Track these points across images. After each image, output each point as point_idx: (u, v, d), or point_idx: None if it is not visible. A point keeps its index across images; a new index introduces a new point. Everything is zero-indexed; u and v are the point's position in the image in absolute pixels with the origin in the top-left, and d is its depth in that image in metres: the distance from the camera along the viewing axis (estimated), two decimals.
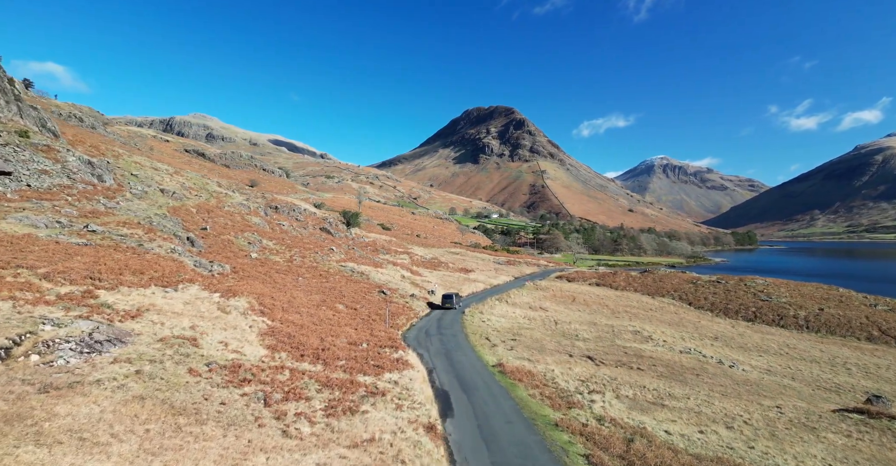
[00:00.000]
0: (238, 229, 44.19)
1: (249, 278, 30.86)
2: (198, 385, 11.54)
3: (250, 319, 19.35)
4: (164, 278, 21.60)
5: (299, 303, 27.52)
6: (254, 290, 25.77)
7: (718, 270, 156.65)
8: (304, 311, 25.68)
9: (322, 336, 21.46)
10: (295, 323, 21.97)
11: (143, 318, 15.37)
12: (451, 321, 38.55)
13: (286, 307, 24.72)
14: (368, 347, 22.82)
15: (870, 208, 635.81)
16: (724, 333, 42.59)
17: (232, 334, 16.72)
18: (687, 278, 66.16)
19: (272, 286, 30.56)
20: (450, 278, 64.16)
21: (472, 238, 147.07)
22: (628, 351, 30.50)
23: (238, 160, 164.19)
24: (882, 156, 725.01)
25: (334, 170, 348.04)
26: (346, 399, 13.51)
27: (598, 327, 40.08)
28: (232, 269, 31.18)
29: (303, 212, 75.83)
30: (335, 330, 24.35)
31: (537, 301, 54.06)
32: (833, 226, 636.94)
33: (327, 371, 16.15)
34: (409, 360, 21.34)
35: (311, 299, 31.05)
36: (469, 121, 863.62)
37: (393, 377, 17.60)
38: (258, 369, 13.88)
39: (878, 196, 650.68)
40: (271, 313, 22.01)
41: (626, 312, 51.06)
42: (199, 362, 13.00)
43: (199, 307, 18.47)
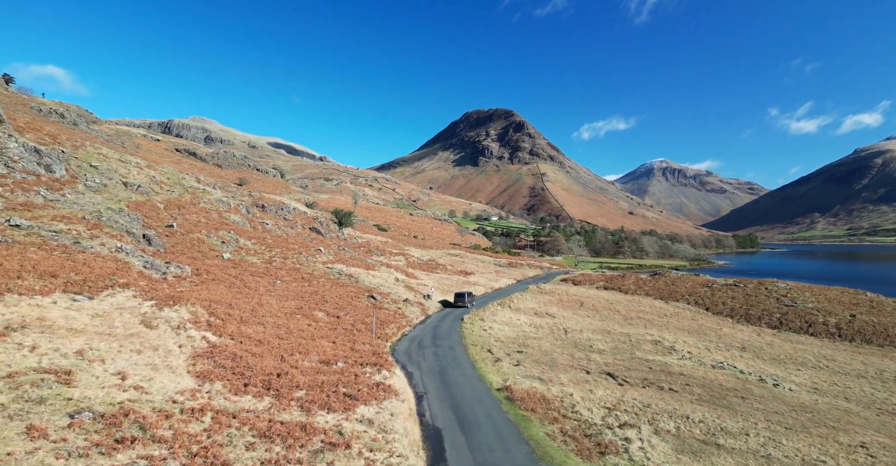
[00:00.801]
0: (212, 227, 39.92)
1: (213, 281, 26.61)
2: (30, 458, 7.25)
3: (184, 336, 15.11)
4: (87, 283, 17.38)
5: (267, 312, 23.24)
6: (209, 296, 21.53)
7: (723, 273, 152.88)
8: (271, 322, 21.40)
9: (285, 354, 17.21)
10: (252, 337, 17.72)
11: (8, 340, 11.07)
12: (448, 329, 34.25)
13: (246, 317, 20.45)
14: (345, 366, 18.54)
15: (870, 211, 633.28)
16: (751, 342, 38.31)
17: (144, 359, 12.44)
18: (701, 281, 61.93)
19: (238, 291, 26.30)
20: (448, 281, 59.88)
21: (471, 239, 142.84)
22: (653, 366, 26.22)
23: (231, 160, 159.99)
24: (882, 160, 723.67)
25: (333, 173, 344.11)
26: (289, 460, 9.23)
27: (612, 336, 35.80)
28: (194, 271, 26.92)
29: (292, 211, 71.58)
30: (306, 344, 20.06)
31: (543, 306, 49.75)
32: (833, 229, 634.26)
33: (275, 409, 11.92)
34: (394, 384, 17.06)
35: (285, 306, 26.76)
36: (468, 123, 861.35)
37: (368, 412, 13.37)
38: (161, 416, 9.58)
39: (878, 199, 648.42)
40: (222, 326, 17.77)
41: (640, 318, 46.79)
42: (59, 412, 8.62)
43: (112, 321, 14.24)
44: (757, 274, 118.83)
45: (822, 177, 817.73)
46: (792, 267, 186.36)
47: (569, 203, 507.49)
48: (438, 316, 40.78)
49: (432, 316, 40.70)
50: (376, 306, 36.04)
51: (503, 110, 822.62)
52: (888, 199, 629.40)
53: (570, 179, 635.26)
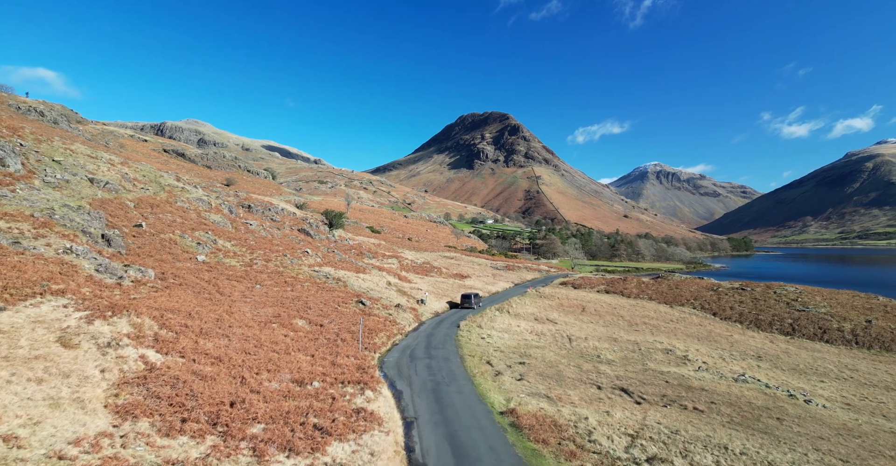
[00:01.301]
0: (189, 227, 36.96)
1: (180, 286, 23.73)
2: None
3: (113, 356, 12.26)
4: (8, 290, 14.46)
5: (237, 321, 20.41)
6: (167, 304, 18.70)
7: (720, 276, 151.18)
8: (238, 333, 18.58)
9: (249, 373, 14.44)
10: (210, 354, 14.91)
11: None
12: (443, 337, 31.50)
13: (208, 328, 17.62)
14: (321, 387, 15.77)
15: (861, 215, 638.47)
16: (766, 350, 35.88)
17: (44, 391, 9.57)
18: (706, 285, 59.64)
19: (208, 297, 23.44)
20: (443, 285, 57.14)
21: (467, 242, 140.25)
22: (670, 380, 23.62)
23: (221, 161, 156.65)
24: (873, 164, 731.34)
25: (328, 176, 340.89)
26: None
27: (620, 344, 33.20)
28: (158, 275, 24.05)
29: (280, 211, 68.66)
30: (278, 360, 17.26)
31: (543, 311, 47.14)
32: (825, 232, 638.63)
33: (217, 455, 9.16)
34: (378, 410, 14.32)
35: (260, 314, 23.92)
36: (464, 126, 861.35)
37: (342, 452, 10.66)
38: None
39: (869, 203, 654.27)
40: (173, 340, 14.96)
41: (646, 324, 44.29)
42: None
43: (17, 339, 11.42)
44: (755, 278, 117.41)
45: (814, 180, 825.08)
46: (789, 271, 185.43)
47: (564, 206, 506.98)
48: (433, 322, 38.03)
49: (426, 322, 37.96)
50: (365, 312, 33.26)
51: (498, 113, 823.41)
52: (879, 203, 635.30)
53: (565, 182, 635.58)
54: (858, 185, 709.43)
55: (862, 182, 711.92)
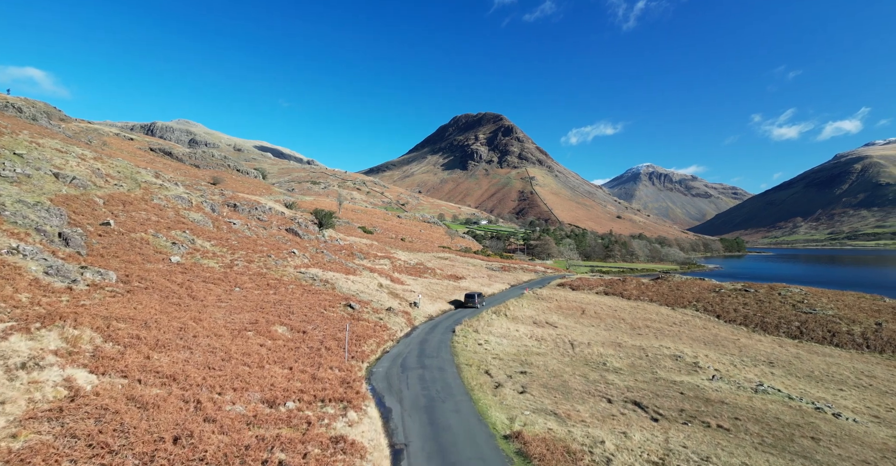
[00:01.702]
0: (164, 226, 34.46)
1: (145, 290, 21.37)
2: None
3: (26, 380, 9.89)
4: None
5: (205, 330, 18.10)
6: (121, 312, 16.36)
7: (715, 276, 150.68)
8: (203, 345, 16.28)
9: (208, 395, 12.19)
10: (162, 372, 12.62)
11: None
12: (437, 344, 29.32)
13: (167, 340, 15.30)
14: (296, 408, 13.56)
15: (850, 216, 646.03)
16: (777, 355, 34.14)
17: None
18: (707, 286, 58.04)
19: (176, 302, 21.09)
20: (437, 286, 54.96)
21: (461, 242, 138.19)
22: (685, 391, 21.65)
23: (210, 160, 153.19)
24: (861, 165, 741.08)
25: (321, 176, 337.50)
26: None
27: (625, 350, 31.23)
28: (121, 278, 21.67)
29: (267, 210, 66.10)
30: (249, 375, 15.01)
31: (542, 314, 45.14)
32: (815, 233, 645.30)
33: None
34: (360, 438, 12.14)
35: (235, 320, 21.61)
36: (457, 127, 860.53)
37: None
38: None
39: (857, 204, 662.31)
40: (118, 356, 12.62)
41: (648, 327, 42.45)
42: None
43: None
44: (750, 278, 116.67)
45: (804, 182, 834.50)
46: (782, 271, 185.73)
47: (557, 207, 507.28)
48: (427, 326, 35.83)
49: (420, 326, 35.75)
50: (354, 317, 30.98)
51: (492, 114, 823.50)
52: (867, 204, 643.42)
53: (558, 183, 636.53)
54: (847, 187, 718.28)
55: (850, 183, 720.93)
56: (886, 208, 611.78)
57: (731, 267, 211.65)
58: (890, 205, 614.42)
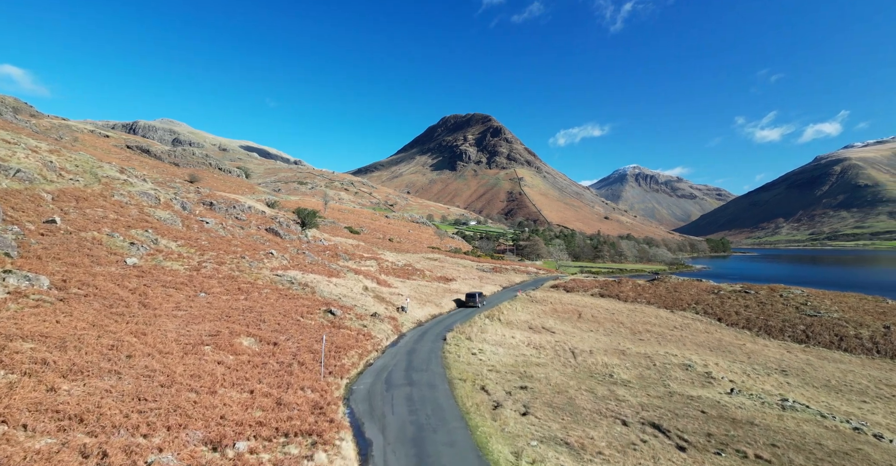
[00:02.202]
0: (124, 225, 31.05)
1: (84, 298, 18.21)
2: None
3: None
4: None
5: (145, 347, 15.06)
6: (31, 328, 13.24)
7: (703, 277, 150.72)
8: (139, 367, 13.28)
9: (121, 441, 9.26)
10: (62, 411, 9.50)
11: None
12: (427, 354, 26.54)
13: (87, 363, 12.20)
14: (248, 450, 10.67)
15: (830, 217, 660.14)
16: (788, 362, 32.13)
17: None
18: (705, 287, 56.27)
19: (117, 313, 17.95)
20: (426, 289, 52.14)
21: (451, 243, 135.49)
22: (705, 408, 19.24)
23: (190, 158, 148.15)
24: (840, 167, 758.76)
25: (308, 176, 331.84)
26: None
27: (630, 359, 28.84)
28: (56, 284, 18.46)
29: (246, 209, 62.56)
30: (193, 405, 12.07)
31: (538, 318, 42.64)
32: (797, 233, 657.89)
33: None
34: None
35: (192, 332, 18.57)
36: (446, 128, 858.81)
37: None
38: None
39: (837, 205, 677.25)
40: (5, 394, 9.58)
41: (649, 332, 40.26)
42: None
43: None
44: (739, 278, 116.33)
45: (786, 183, 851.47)
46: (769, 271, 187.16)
47: (546, 207, 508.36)
48: (415, 333, 33.00)
49: (408, 334, 32.91)
50: (334, 324, 28.02)
51: (481, 115, 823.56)
52: (847, 205, 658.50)
53: (546, 184, 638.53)
54: (827, 188, 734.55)
55: (830, 185, 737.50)
56: (865, 209, 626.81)
57: (719, 267, 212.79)
58: (868, 206, 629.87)
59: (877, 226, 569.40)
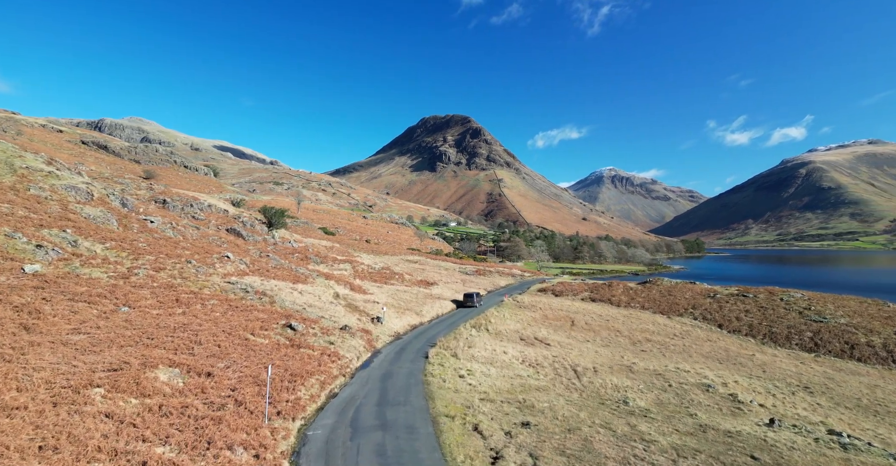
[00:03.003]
0: (34, 223, 25.46)
1: None
2: None
3: None
4: None
5: None
6: None
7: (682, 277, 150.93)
8: None
9: None
10: None
11: None
12: (405, 379, 22.01)
13: None
14: None
15: (796, 218, 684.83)
16: (807, 377, 28.99)
17: None
18: (700, 291, 53.55)
19: None
20: (405, 295, 47.55)
21: (432, 244, 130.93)
22: (755, 453, 15.39)
23: (153, 155, 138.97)
24: (805, 170, 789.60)
25: (284, 177, 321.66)
26: None
27: (640, 377, 25.03)
28: None
29: (206, 208, 56.63)
30: None
31: (528, 327, 38.63)
32: (765, 234, 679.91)
33: None
34: None
35: (83, 366, 13.61)
36: (426, 129, 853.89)
37: None
38: None
39: (803, 206, 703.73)
40: None
41: (650, 341, 36.80)
42: None
43: None
44: (719, 279, 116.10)
45: (754, 186, 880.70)
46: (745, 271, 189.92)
47: (525, 209, 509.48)
48: (392, 350, 28.41)
49: (383, 350, 28.30)
50: (293, 343, 23.19)
51: (460, 116, 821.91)
52: (812, 207, 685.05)
53: (526, 185, 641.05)
54: (793, 190, 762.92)
55: (796, 187, 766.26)
56: (828, 211, 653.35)
57: (695, 267, 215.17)
58: (831, 207, 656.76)
59: (840, 227, 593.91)
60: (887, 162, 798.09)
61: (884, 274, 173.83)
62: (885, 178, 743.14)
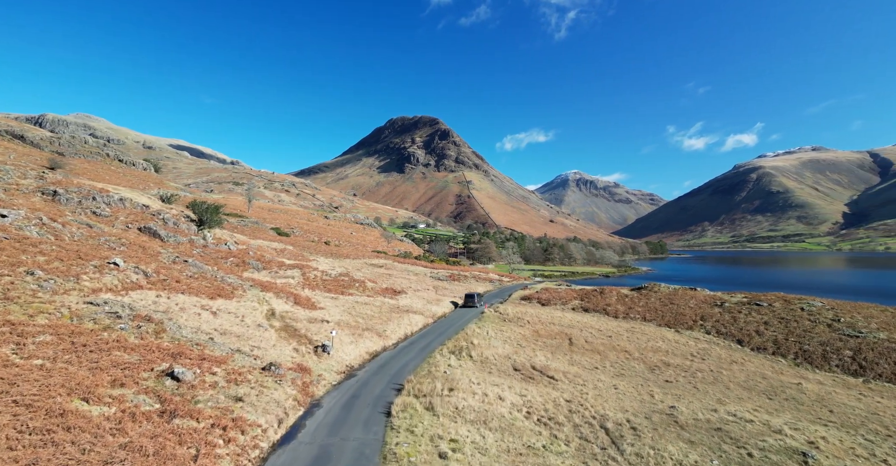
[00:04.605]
0: None
1: None
2: None
3: None
4: None
5: None
6: None
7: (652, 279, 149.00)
8: None
9: None
10: None
11: None
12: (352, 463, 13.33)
13: None
14: None
15: (748, 220, 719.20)
16: (888, 420, 22.38)
17: None
18: (704, 298, 47.41)
19: None
20: (366, 308, 38.51)
21: (400, 246, 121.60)
22: None
23: (81, 148, 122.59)
24: (756, 175, 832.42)
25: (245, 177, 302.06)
26: None
27: (696, 436, 17.40)
28: None
29: (116, 202, 45.53)
30: None
31: (521, 349, 30.62)
32: (720, 236, 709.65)
33: None
34: None
35: None
36: (394, 130, 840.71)
37: None
38: None
39: (754, 210, 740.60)
40: None
41: (668, 365, 29.66)
42: None
43: None
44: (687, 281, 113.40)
45: (710, 189, 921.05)
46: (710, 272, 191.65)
47: (494, 211, 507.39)
48: (338, 399, 19.54)
49: (324, 401, 19.35)
50: (166, 410, 13.98)
51: (428, 118, 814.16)
52: (762, 210, 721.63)
53: (494, 188, 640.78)
54: (745, 194, 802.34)
55: (748, 191, 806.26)
56: (777, 213, 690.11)
57: (661, 268, 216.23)
58: (780, 210, 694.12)
59: (788, 229, 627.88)
60: (829, 167, 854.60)
61: (832, 274, 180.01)
62: (828, 183, 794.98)
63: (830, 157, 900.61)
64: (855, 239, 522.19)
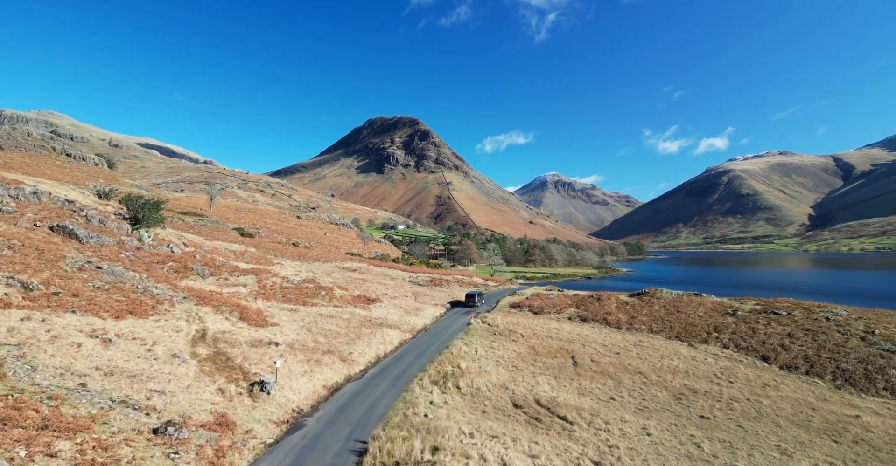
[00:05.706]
0: None
1: None
2: None
3: None
4: None
5: None
6: None
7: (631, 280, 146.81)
8: None
9: None
10: None
11: None
12: None
13: None
14: None
15: (720, 222, 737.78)
16: None
17: None
18: (713, 306, 42.77)
19: None
20: (330, 323, 32.06)
21: (377, 248, 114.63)
22: None
23: (23, 140, 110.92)
24: (727, 178, 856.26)
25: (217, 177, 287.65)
26: None
27: None
28: None
29: (28, 195, 37.71)
30: None
31: (518, 373, 24.81)
32: (694, 237, 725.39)
33: None
34: None
35: None
36: (373, 130, 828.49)
37: None
38: None
39: (725, 211, 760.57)
40: None
41: (694, 392, 24.43)
42: None
43: None
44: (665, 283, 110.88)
45: (684, 192, 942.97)
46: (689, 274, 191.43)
47: (474, 212, 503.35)
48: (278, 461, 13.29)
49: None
50: None
51: (408, 118, 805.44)
52: (733, 212, 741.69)
53: (474, 189, 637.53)
54: (717, 196, 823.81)
55: (720, 193, 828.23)
56: (747, 215, 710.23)
57: (641, 269, 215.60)
58: (750, 212, 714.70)
59: (757, 231, 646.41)
60: (795, 171, 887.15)
61: (801, 274, 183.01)
62: (794, 186, 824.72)
63: (797, 161, 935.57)
64: (820, 241, 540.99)
